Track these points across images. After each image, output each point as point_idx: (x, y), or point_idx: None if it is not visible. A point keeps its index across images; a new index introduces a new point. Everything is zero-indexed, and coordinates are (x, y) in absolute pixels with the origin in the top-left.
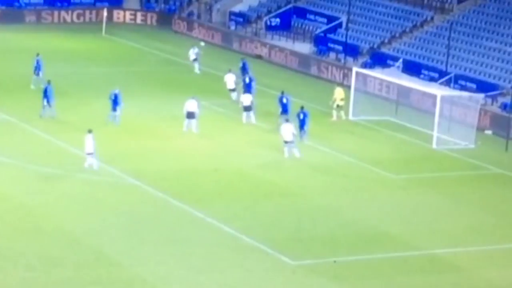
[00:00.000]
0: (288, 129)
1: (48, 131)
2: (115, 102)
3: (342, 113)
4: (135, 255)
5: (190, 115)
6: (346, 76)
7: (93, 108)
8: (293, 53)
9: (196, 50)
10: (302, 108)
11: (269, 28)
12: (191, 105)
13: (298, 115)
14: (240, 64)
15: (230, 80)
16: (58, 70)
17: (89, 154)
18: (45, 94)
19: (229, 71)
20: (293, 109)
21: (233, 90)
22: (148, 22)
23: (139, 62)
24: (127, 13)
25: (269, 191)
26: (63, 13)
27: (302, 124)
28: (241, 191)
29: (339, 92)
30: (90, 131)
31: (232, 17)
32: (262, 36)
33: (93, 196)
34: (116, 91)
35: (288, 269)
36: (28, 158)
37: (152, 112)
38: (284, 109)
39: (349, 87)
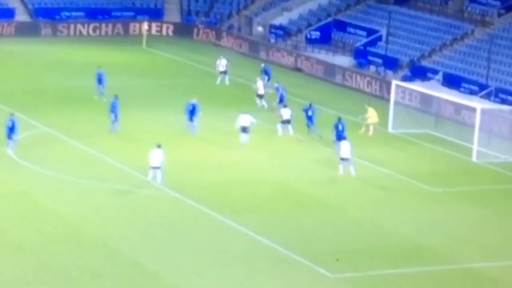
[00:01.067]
0: (346, 147)
1: (89, 142)
2: (192, 112)
3: (371, 128)
4: (173, 267)
5: (245, 130)
6: (386, 89)
7: (135, 120)
8: (333, 66)
9: (224, 61)
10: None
11: (309, 41)
12: (244, 119)
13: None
14: (262, 69)
15: (260, 86)
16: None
17: (155, 167)
18: (113, 108)
19: (259, 78)
20: (325, 121)
21: (261, 96)
22: (187, 34)
23: (178, 74)
24: (167, 26)
25: (308, 204)
26: (102, 25)
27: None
28: (280, 203)
29: (372, 113)
30: (159, 146)
31: (272, 30)
32: (302, 49)
33: (132, 208)
34: (194, 102)
35: (327, 282)
36: (68, 170)
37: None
38: (310, 121)
39: (388, 100)
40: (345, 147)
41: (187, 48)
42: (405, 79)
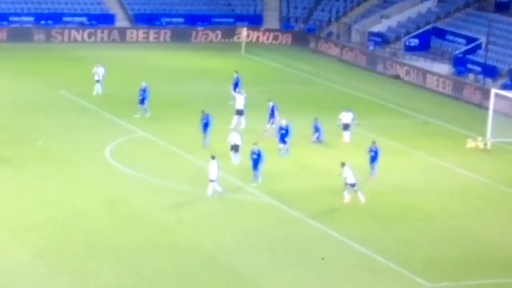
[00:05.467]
0: (349, 171)
1: (187, 149)
2: (283, 136)
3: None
4: (269, 274)
5: (236, 148)
6: (485, 97)
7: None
8: (432, 74)
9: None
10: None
11: (408, 48)
12: (235, 137)
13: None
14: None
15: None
16: (198, 88)
17: (211, 181)
18: (205, 126)
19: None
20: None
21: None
22: (286, 41)
23: (277, 81)
24: (266, 32)
25: (404, 212)
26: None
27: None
28: (377, 211)
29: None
30: (213, 157)
31: (371, 37)
32: (401, 57)
33: (229, 215)
34: (285, 124)
35: None
36: (164, 175)
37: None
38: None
39: (487, 108)
40: (348, 171)
41: (287, 55)
42: (505, 87)
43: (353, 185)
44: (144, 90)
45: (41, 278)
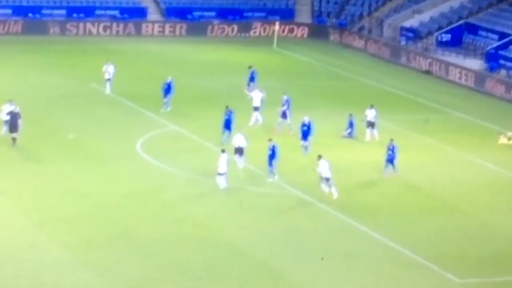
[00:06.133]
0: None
1: (218, 143)
2: (305, 133)
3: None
4: (300, 269)
5: (240, 151)
6: None
7: (267, 120)
8: (464, 69)
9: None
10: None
11: (440, 43)
12: (240, 139)
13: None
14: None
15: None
16: (229, 82)
17: (220, 174)
18: (227, 123)
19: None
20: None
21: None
22: (317, 36)
23: (308, 75)
24: (298, 26)
25: (434, 207)
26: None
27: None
28: (406, 205)
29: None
30: (223, 151)
31: (403, 32)
32: (432, 52)
33: (259, 208)
34: (307, 120)
35: (454, 287)
36: (195, 169)
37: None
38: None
39: None
40: (324, 165)
41: (319, 49)
42: None
43: (327, 179)
44: (169, 85)
45: (70, 271)
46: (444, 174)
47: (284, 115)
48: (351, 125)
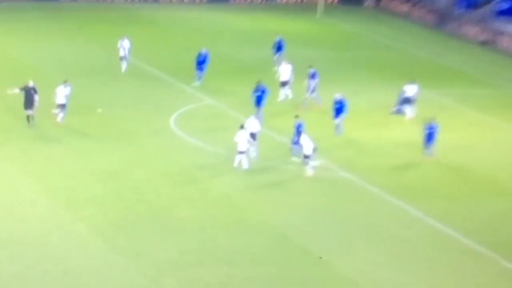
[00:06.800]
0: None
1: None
2: (337, 111)
3: None
4: (343, 254)
5: (253, 137)
6: None
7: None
8: None
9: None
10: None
11: (498, 13)
12: (253, 124)
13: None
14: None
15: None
16: (269, 52)
17: (241, 152)
18: (258, 100)
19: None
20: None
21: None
22: (362, 3)
23: (353, 45)
24: None
25: (492, 190)
26: None
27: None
28: (461, 188)
29: None
30: (242, 127)
31: (460, 0)
32: (490, 22)
33: (300, 190)
34: (339, 97)
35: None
36: (234, 148)
37: (366, 100)
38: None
39: None
40: (305, 140)
41: (353, 16)
42: None
43: (306, 157)
44: (204, 56)
45: (97, 255)
46: (503, 154)
47: (310, 89)
48: (404, 100)
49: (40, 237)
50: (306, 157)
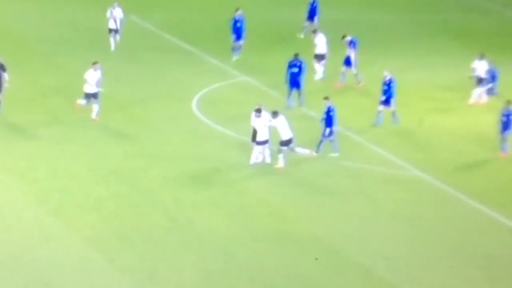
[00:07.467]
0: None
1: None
2: (385, 93)
3: None
4: (415, 277)
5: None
6: None
7: (368, 70)
8: None
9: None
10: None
11: None
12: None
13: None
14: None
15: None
16: (326, 16)
17: (259, 143)
18: (294, 78)
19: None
20: None
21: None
22: None
23: (431, 7)
24: None
25: None
26: None
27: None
28: None
29: None
30: (258, 111)
31: None
32: None
33: (360, 193)
34: (388, 75)
35: None
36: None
37: (439, 77)
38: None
39: None
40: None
41: None
42: None
43: (284, 144)
44: (241, 22)
45: (98, 276)
46: None
47: (347, 62)
48: (493, 78)
49: (24, 253)
50: (282, 143)
